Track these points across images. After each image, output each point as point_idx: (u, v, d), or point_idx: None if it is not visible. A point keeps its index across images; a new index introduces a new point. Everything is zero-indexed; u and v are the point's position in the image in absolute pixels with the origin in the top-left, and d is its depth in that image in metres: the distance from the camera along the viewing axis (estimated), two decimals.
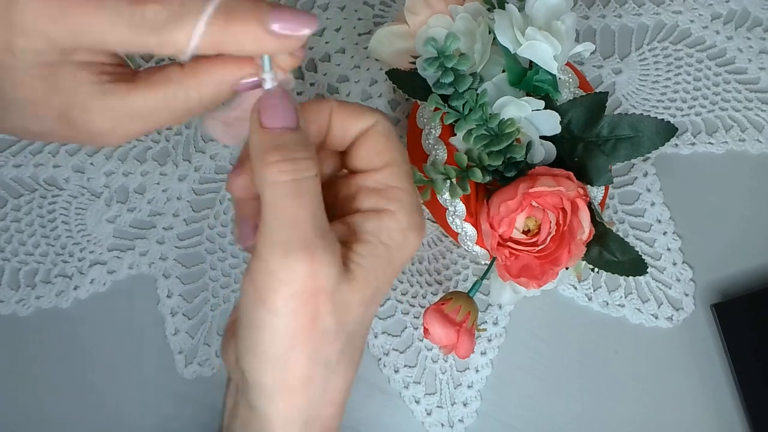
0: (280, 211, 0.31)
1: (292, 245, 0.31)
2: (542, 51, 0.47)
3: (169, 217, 0.59)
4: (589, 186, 0.50)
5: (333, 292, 0.32)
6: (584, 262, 0.50)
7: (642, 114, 0.50)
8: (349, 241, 0.34)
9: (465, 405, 0.55)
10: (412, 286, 0.57)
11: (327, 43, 0.63)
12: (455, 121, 0.48)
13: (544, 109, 0.48)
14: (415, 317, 0.57)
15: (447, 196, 0.48)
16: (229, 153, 0.60)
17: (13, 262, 0.57)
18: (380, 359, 0.56)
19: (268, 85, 0.34)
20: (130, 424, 0.55)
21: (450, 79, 0.47)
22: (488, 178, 0.48)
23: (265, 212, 0.31)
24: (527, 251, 0.46)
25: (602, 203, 0.52)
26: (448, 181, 0.47)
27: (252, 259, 0.32)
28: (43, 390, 0.55)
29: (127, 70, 0.34)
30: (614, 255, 0.49)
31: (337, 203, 0.36)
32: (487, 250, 0.48)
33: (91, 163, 0.59)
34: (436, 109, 0.49)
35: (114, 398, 0.55)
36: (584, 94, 0.52)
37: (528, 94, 0.50)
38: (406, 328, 0.57)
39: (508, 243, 0.46)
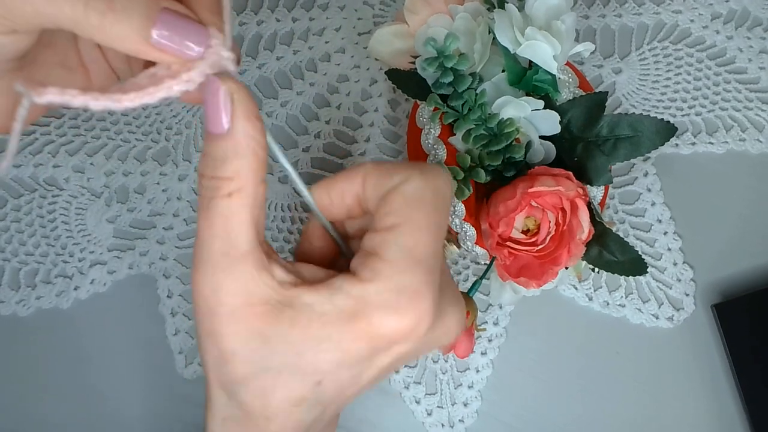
0: (197, 226, 0.30)
1: (196, 261, 0.30)
2: (542, 51, 0.47)
3: (169, 217, 0.59)
4: (588, 186, 0.50)
5: (233, 318, 0.30)
6: (584, 262, 0.50)
7: (642, 114, 0.50)
8: (312, 284, 0.31)
9: (465, 405, 0.55)
10: None
11: (327, 42, 0.63)
12: (454, 121, 0.48)
13: (544, 108, 0.48)
14: None
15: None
16: None
17: (13, 263, 0.57)
18: None
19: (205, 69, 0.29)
20: (130, 424, 0.55)
21: (449, 79, 0.47)
22: (488, 178, 0.48)
23: None
24: (527, 251, 0.46)
25: (602, 203, 0.52)
26: (455, 182, 0.47)
27: None
28: (43, 390, 0.55)
29: None
30: (614, 255, 0.49)
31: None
32: (487, 249, 0.48)
33: (91, 163, 0.59)
34: (436, 108, 0.49)
35: (114, 398, 0.55)
36: (584, 93, 0.52)
37: (527, 94, 0.50)
38: None
39: (508, 243, 0.46)
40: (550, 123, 0.49)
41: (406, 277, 0.30)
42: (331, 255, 0.36)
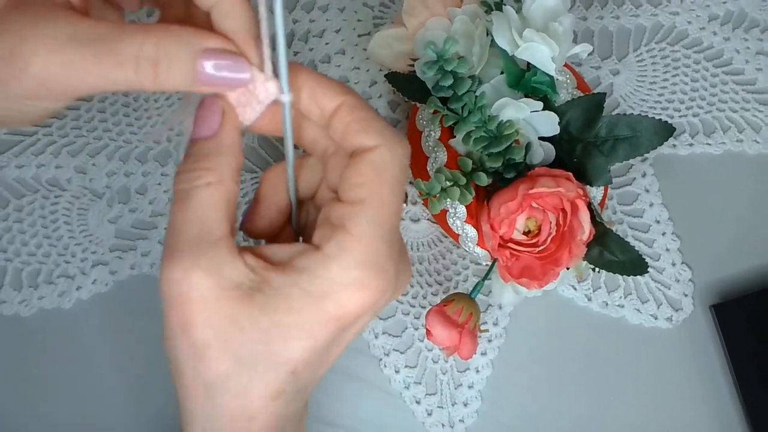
0: (169, 218, 0.31)
1: (168, 250, 0.30)
2: (540, 53, 0.47)
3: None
4: (588, 186, 0.50)
5: (206, 304, 0.30)
6: (585, 262, 0.50)
7: (640, 114, 0.50)
8: (279, 266, 0.31)
9: (465, 405, 0.56)
10: (412, 286, 0.58)
11: (327, 44, 0.63)
12: (454, 124, 0.49)
13: (543, 110, 0.49)
14: (415, 318, 0.57)
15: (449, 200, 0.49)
16: None
17: (15, 263, 0.58)
18: (381, 360, 0.56)
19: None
20: (131, 424, 0.55)
21: (449, 82, 0.47)
22: (489, 180, 0.48)
23: None
24: (528, 252, 0.46)
25: (602, 203, 0.53)
26: (458, 187, 0.47)
27: None
28: (45, 390, 0.55)
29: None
30: (615, 255, 0.49)
31: (315, 221, 0.34)
32: (488, 251, 0.49)
33: (93, 164, 0.59)
34: (436, 111, 0.50)
35: (116, 399, 0.55)
36: (582, 94, 0.52)
37: (526, 96, 0.50)
38: (406, 328, 0.57)
39: (509, 244, 0.47)
40: (549, 124, 0.49)
41: (372, 253, 0.31)
42: (281, 219, 0.37)
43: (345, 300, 0.31)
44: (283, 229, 0.37)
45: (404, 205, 0.36)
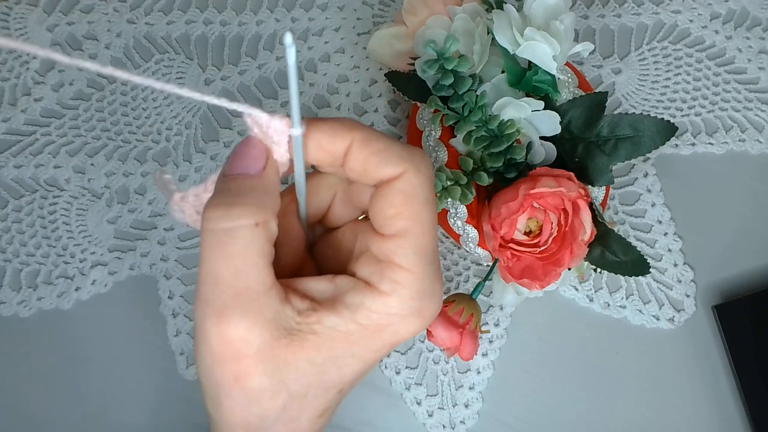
0: (204, 265, 0.29)
1: (209, 305, 0.29)
2: (541, 51, 0.47)
3: (170, 218, 0.59)
4: (590, 186, 0.50)
5: (261, 356, 0.29)
6: (586, 263, 0.50)
7: (642, 113, 0.50)
8: (327, 303, 0.31)
9: (466, 406, 0.55)
10: None
11: (326, 43, 0.63)
12: (455, 123, 0.48)
13: (544, 109, 0.48)
14: None
15: (450, 199, 0.48)
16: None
17: (14, 263, 0.57)
18: (382, 361, 0.56)
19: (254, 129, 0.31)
20: (131, 425, 0.55)
21: (450, 81, 0.47)
22: (490, 180, 0.48)
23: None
24: (529, 252, 0.46)
25: (603, 203, 0.52)
26: (459, 186, 0.47)
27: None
28: (44, 391, 0.55)
29: None
30: (617, 255, 0.49)
31: (351, 252, 0.33)
32: (489, 251, 0.48)
33: (92, 164, 0.59)
34: (436, 111, 0.49)
35: (115, 399, 0.55)
36: (584, 94, 0.52)
37: (527, 95, 0.50)
38: None
39: (510, 244, 0.46)
40: (551, 123, 0.49)
41: (425, 281, 0.31)
42: (301, 251, 0.35)
43: (402, 330, 0.31)
44: (303, 259, 0.36)
45: None
